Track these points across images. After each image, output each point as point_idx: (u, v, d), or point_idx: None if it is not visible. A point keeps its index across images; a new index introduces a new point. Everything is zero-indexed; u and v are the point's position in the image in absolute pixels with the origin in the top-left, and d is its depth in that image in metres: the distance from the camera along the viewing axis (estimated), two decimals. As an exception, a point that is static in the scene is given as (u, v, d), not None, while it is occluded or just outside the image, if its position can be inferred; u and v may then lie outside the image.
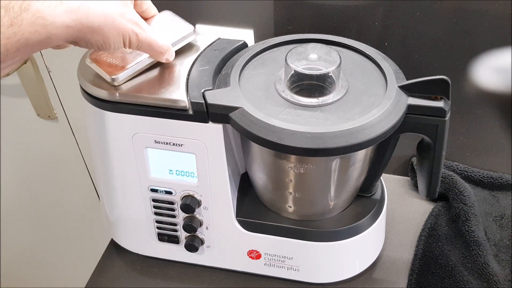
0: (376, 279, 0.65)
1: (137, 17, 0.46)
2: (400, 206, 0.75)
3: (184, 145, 0.54)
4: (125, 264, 0.68)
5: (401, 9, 0.66)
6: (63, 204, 1.11)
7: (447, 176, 0.74)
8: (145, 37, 0.46)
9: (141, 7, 0.51)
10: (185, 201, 0.58)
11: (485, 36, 0.66)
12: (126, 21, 0.44)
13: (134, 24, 0.45)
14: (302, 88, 0.51)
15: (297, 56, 0.51)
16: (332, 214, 0.60)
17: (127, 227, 0.65)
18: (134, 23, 0.45)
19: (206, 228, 0.61)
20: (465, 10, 0.64)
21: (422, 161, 0.56)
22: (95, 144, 0.58)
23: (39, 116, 0.93)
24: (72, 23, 0.40)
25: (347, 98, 0.50)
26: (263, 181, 0.59)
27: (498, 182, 0.76)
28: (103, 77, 0.51)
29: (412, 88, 0.49)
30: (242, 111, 0.48)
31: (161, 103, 0.50)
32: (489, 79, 0.70)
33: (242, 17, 0.72)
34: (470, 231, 0.67)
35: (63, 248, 1.24)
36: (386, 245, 0.69)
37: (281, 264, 0.62)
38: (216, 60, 0.55)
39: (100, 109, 0.53)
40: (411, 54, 0.70)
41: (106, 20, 0.42)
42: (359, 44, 0.56)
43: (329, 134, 0.46)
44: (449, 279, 0.64)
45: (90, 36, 0.42)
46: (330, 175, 0.54)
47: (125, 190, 0.61)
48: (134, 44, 0.46)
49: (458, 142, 0.76)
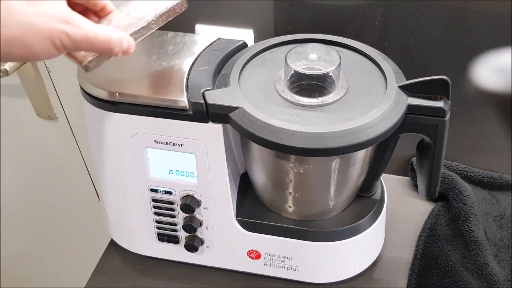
0: (376, 279, 0.65)
1: (66, 13, 0.39)
2: (400, 206, 0.75)
3: (184, 145, 0.54)
4: (125, 264, 0.68)
5: (401, 9, 0.66)
6: (63, 204, 1.11)
7: (447, 176, 0.74)
8: (80, 35, 0.39)
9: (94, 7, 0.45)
10: (185, 201, 0.58)
11: (485, 36, 0.66)
12: (50, 21, 0.37)
13: (62, 22, 0.38)
14: (302, 88, 0.51)
15: (297, 56, 0.51)
16: (332, 214, 0.60)
17: (127, 227, 0.65)
18: (63, 21, 0.38)
19: (206, 228, 0.61)
20: (465, 10, 0.64)
21: (422, 161, 0.56)
22: (95, 144, 0.58)
23: (39, 116, 0.93)
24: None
25: (347, 98, 0.50)
26: (263, 181, 0.59)
27: (498, 182, 0.76)
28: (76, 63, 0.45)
29: (412, 88, 0.49)
30: (242, 111, 0.48)
31: (161, 103, 0.50)
32: (489, 79, 0.70)
33: (242, 17, 0.72)
34: (470, 231, 0.67)
35: (63, 248, 1.23)
36: (386, 245, 0.69)
37: (281, 264, 0.62)
38: (216, 60, 0.55)
39: (100, 109, 0.53)
40: (411, 54, 0.70)
41: (21, 27, 0.36)
42: (359, 44, 0.56)
43: (329, 134, 0.46)
44: (449, 279, 0.64)
45: (9, 50, 0.37)
46: (330, 175, 0.54)
47: (125, 190, 0.61)
48: (69, 45, 0.39)
49: (458, 142, 0.76)
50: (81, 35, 0.39)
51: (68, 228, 1.17)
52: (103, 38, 0.40)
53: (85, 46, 0.40)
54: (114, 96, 0.51)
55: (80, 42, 0.39)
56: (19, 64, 0.82)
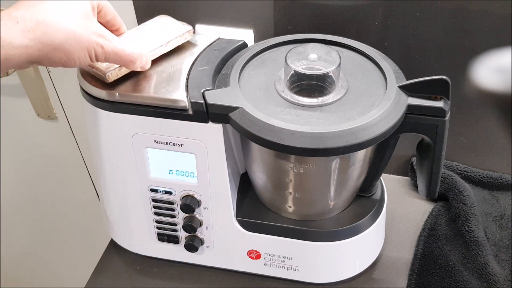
0: (376, 279, 0.65)
1: (100, 28, 0.45)
2: (400, 206, 0.75)
3: (184, 145, 0.54)
4: (125, 264, 0.68)
5: (401, 9, 0.66)
6: (63, 204, 1.11)
7: (447, 176, 0.74)
8: (111, 48, 0.45)
9: (105, 18, 0.49)
10: (185, 201, 0.58)
11: (485, 36, 0.66)
12: (89, 34, 0.43)
13: (98, 36, 0.44)
14: (302, 88, 0.51)
15: (297, 56, 0.51)
16: (332, 214, 0.60)
17: (127, 227, 0.65)
18: (98, 35, 0.44)
19: (206, 228, 0.61)
20: (465, 10, 0.64)
21: (422, 161, 0.56)
22: (95, 144, 0.58)
23: (39, 116, 0.93)
24: (31, 42, 0.39)
25: (347, 98, 0.50)
26: (263, 181, 0.59)
27: (498, 182, 0.76)
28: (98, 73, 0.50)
29: (412, 88, 0.49)
30: (242, 111, 0.48)
31: (161, 103, 0.50)
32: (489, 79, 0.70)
33: (242, 17, 0.72)
34: (470, 231, 0.67)
35: (63, 248, 1.24)
36: (386, 245, 0.69)
37: (281, 264, 0.62)
38: (216, 60, 0.55)
39: (100, 109, 0.53)
40: (411, 54, 0.70)
41: (67, 36, 0.41)
42: (359, 44, 0.56)
43: (329, 134, 0.46)
44: (449, 279, 0.64)
45: (52, 55, 0.41)
46: (330, 175, 0.54)
47: (125, 190, 0.60)
48: (101, 56, 0.45)
49: (458, 142, 0.76)
50: (112, 47, 0.45)
51: (68, 228, 1.17)
52: (128, 52, 0.47)
53: (113, 58, 0.46)
54: (114, 96, 0.51)
55: (110, 53, 0.45)
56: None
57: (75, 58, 0.43)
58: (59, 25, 0.41)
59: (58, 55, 0.41)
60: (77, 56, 0.43)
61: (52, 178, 1.06)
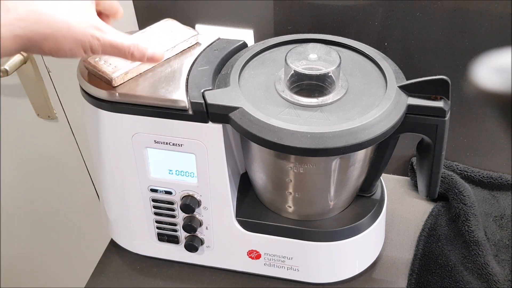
0: (376, 279, 0.65)
1: (97, 20, 0.44)
2: (400, 206, 0.75)
3: (184, 145, 0.54)
4: (125, 264, 0.68)
5: (401, 9, 0.66)
6: (63, 204, 1.11)
7: (447, 176, 0.74)
8: (108, 40, 0.43)
9: (103, 5, 0.48)
10: (185, 201, 0.58)
11: (485, 36, 0.66)
12: (84, 26, 0.42)
13: (94, 28, 0.42)
14: (302, 88, 0.51)
15: (297, 56, 0.51)
16: (332, 214, 0.60)
17: (127, 227, 0.65)
18: (95, 27, 0.42)
19: (206, 228, 0.61)
20: (465, 10, 0.64)
21: (422, 161, 0.56)
22: (94, 144, 0.58)
23: (39, 116, 0.93)
24: (21, 31, 0.39)
25: (347, 98, 0.50)
26: (263, 181, 0.59)
27: (498, 182, 0.76)
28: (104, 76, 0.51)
29: (412, 88, 0.49)
30: (242, 111, 0.48)
31: (160, 103, 0.50)
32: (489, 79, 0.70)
33: (242, 17, 0.72)
34: (470, 231, 0.67)
35: (63, 248, 1.23)
36: (386, 245, 0.69)
37: (281, 264, 0.62)
38: (216, 60, 0.55)
39: (99, 109, 0.53)
40: (411, 54, 0.70)
41: (59, 26, 0.40)
42: (358, 44, 0.56)
43: (329, 134, 0.46)
44: (449, 279, 0.64)
45: (42, 44, 0.40)
46: (330, 175, 0.54)
47: (125, 190, 0.60)
48: (97, 49, 0.43)
49: (458, 142, 0.76)
50: (109, 39, 0.43)
51: (68, 228, 1.17)
52: (126, 44, 0.45)
53: (110, 50, 0.44)
54: (114, 96, 0.51)
55: (106, 46, 0.44)
56: (19, 64, 0.82)
57: (65, 49, 0.41)
58: (52, 15, 0.40)
59: (48, 44, 0.40)
60: (68, 47, 0.41)
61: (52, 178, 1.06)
